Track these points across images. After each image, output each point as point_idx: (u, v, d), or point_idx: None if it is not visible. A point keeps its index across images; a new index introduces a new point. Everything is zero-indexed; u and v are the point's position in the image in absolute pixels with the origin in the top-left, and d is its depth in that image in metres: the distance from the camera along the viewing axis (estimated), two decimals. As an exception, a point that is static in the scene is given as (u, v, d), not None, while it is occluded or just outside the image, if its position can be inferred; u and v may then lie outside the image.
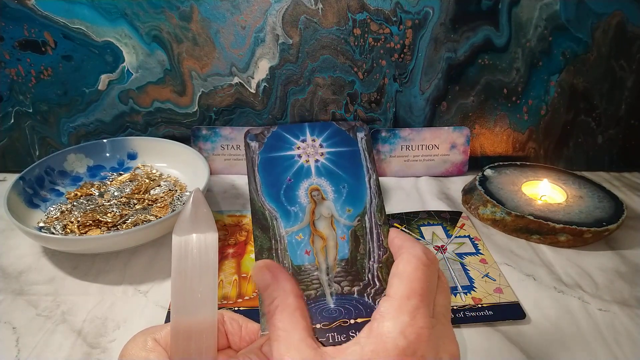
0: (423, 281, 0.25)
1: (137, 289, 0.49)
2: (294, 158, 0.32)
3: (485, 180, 0.65)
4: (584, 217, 0.57)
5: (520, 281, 0.51)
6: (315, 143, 0.32)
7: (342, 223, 0.30)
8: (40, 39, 0.63)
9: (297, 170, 0.31)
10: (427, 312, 0.24)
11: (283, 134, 0.32)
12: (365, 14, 0.63)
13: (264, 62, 0.66)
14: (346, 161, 0.32)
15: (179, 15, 0.63)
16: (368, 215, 0.30)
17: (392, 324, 0.23)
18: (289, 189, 0.31)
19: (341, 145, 0.32)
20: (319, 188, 0.31)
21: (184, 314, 0.25)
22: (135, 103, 0.68)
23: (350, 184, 0.31)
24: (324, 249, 0.29)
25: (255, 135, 0.32)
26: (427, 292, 0.25)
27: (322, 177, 0.31)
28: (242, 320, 0.29)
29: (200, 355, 0.25)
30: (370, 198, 0.31)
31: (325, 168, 0.31)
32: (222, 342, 0.29)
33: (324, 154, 0.32)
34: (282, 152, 0.32)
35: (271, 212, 0.30)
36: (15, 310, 0.46)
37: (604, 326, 0.45)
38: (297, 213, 0.30)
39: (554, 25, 0.64)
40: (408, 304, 0.24)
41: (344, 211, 0.30)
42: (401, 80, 0.68)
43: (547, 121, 0.71)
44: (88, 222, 0.54)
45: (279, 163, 0.32)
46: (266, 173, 0.31)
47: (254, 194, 0.31)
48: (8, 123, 0.67)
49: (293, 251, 0.29)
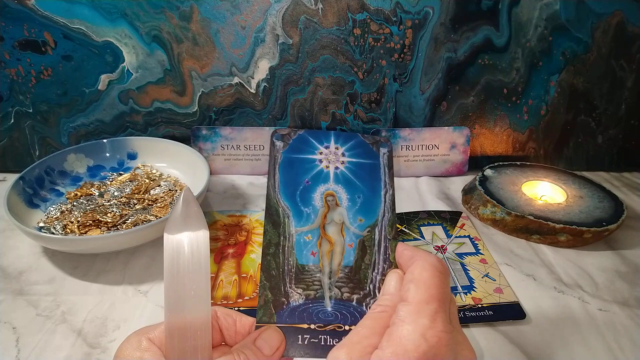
0: (440, 287, 0.25)
1: (137, 289, 0.49)
2: (315, 162, 0.32)
3: (485, 180, 0.65)
4: (584, 217, 0.57)
5: (520, 281, 0.51)
6: (338, 151, 0.33)
7: (352, 231, 0.31)
8: (40, 39, 0.63)
9: (316, 174, 0.32)
10: (445, 317, 0.24)
11: (308, 138, 0.33)
12: (365, 14, 0.63)
13: (264, 62, 0.66)
14: (365, 173, 0.32)
15: (179, 15, 0.63)
16: (379, 228, 0.31)
17: (413, 327, 0.23)
18: (305, 190, 0.31)
19: (363, 157, 0.33)
20: (334, 194, 0.31)
21: (178, 312, 0.25)
22: (135, 103, 0.68)
23: (366, 195, 0.31)
24: (330, 253, 0.30)
25: (282, 135, 0.33)
26: (444, 298, 0.25)
27: (339, 185, 0.32)
28: (235, 315, 0.29)
29: (195, 352, 0.25)
30: (383, 212, 0.31)
31: (343, 176, 0.32)
32: (217, 337, 0.29)
33: (344, 163, 0.32)
34: (305, 154, 0.32)
35: (285, 209, 0.31)
36: (15, 310, 0.46)
37: (604, 326, 0.45)
38: (309, 214, 0.31)
39: (554, 25, 0.64)
40: (427, 308, 0.24)
41: (356, 220, 0.31)
42: (401, 80, 0.68)
43: (547, 121, 0.71)
44: (88, 222, 0.54)
45: (300, 164, 0.32)
46: (286, 172, 0.32)
47: (270, 190, 0.31)
48: (8, 123, 0.67)
49: (299, 250, 0.30)
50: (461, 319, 0.45)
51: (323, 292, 0.29)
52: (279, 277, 0.29)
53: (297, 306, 0.28)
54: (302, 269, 0.29)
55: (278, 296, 0.28)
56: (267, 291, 0.29)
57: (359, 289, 0.29)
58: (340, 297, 0.29)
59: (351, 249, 0.30)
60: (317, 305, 0.28)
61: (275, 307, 0.28)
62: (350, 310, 0.28)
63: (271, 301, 0.28)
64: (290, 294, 0.28)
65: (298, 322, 0.28)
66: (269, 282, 0.29)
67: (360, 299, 0.29)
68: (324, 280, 0.29)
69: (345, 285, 0.29)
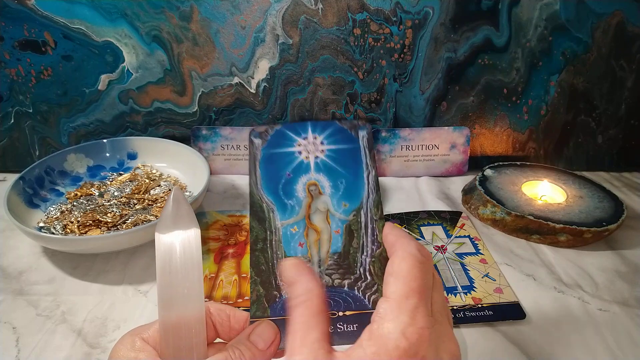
0: (420, 279, 0.25)
1: (137, 289, 0.49)
2: (294, 154, 0.32)
3: (485, 180, 0.65)
4: (584, 217, 0.57)
5: (520, 281, 0.51)
6: (317, 140, 0.33)
7: (337, 217, 0.31)
8: (40, 39, 0.63)
9: (296, 166, 0.32)
10: (426, 311, 0.24)
11: (286, 132, 0.33)
12: (365, 14, 0.63)
13: (264, 62, 0.66)
14: (346, 158, 0.32)
15: (179, 15, 0.63)
16: (364, 210, 0.31)
17: (393, 325, 0.23)
18: (287, 183, 0.31)
19: (342, 142, 0.33)
20: (316, 183, 0.31)
21: (172, 311, 0.26)
22: (135, 103, 0.68)
23: (348, 180, 0.32)
24: (317, 242, 0.30)
25: (259, 133, 0.33)
26: (424, 290, 0.25)
27: (321, 173, 0.32)
28: (229, 310, 0.29)
29: (190, 350, 0.26)
30: (367, 193, 0.31)
31: (324, 164, 0.32)
32: (211, 334, 0.29)
33: (324, 151, 0.32)
34: (284, 148, 0.32)
35: (269, 204, 0.31)
36: (15, 310, 0.46)
37: (604, 326, 0.45)
38: (293, 206, 0.31)
39: (554, 25, 0.64)
40: (407, 304, 0.24)
41: (340, 206, 0.31)
42: (401, 80, 0.68)
43: (547, 121, 0.71)
44: (88, 222, 0.54)
45: (280, 159, 0.32)
46: (267, 168, 0.32)
47: (253, 187, 0.31)
48: (8, 123, 0.67)
49: (287, 243, 0.30)
50: (461, 319, 0.45)
51: None
52: (269, 271, 0.29)
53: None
54: None
55: (270, 290, 0.29)
56: (258, 286, 0.29)
57: (349, 273, 0.29)
58: (332, 284, 0.29)
59: (338, 235, 0.30)
60: None
61: (268, 300, 0.28)
62: (343, 296, 0.28)
63: (263, 295, 0.29)
64: (282, 287, 0.29)
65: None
66: (260, 277, 0.29)
67: (351, 284, 0.29)
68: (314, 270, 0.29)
69: (336, 271, 0.29)
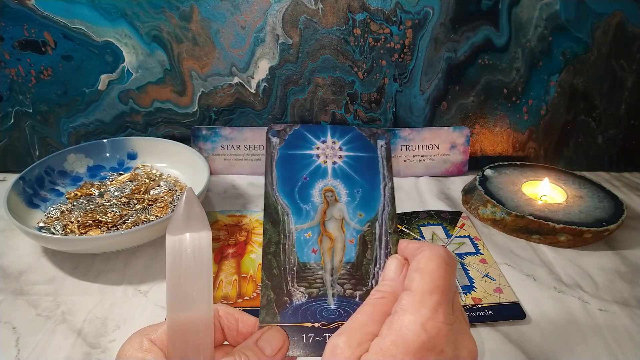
0: (445, 279, 0.25)
1: (137, 289, 0.49)
2: (312, 157, 0.32)
3: (485, 180, 0.64)
4: (584, 217, 0.57)
5: (520, 281, 0.51)
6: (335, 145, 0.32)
7: (352, 226, 0.30)
8: (40, 39, 0.63)
9: (313, 170, 0.32)
10: (448, 309, 0.24)
11: (304, 133, 0.33)
12: (365, 14, 0.63)
13: (264, 62, 0.66)
14: (363, 166, 0.32)
15: (179, 15, 0.63)
16: (379, 222, 0.30)
17: (414, 317, 0.23)
18: (303, 187, 0.31)
19: (360, 150, 0.32)
20: (333, 190, 0.31)
21: (180, 313, 0.25)
22: (135, 103, 0.68)
23: (365, 189, 0.31)
24: (331, 249, 0.30)
25: (277, 132, 0.33)
26: (447, 290, 0.25)
27: (338, 179, 0.31)
28: (238, 314, 0.29)
29: (197, 353, 0.25)
30: (383, 205, 0.31)
31: (341, 170, 0.32)
32: (219, 337, 0.29)
33: (342, 157, 0.32)
34: (302, 150, 0.32)
35: (284, 207, 0.31)
36: (15, 310, 0.46)
37: (604, 326, 0.45)
38: (308, 211, 0.31)
39: (554, 25, 0.64)
40: (430, 299, 0.24)
41: (356, 215, 0.31)
42: (401, 80, 0.68)
43: (547, 121, 0.71)
44: (88, 222, 0.54)
45: (297, 160, 0.32)
46: (283, 169, 0.31)
47: (268, 187, 0.31)
48: (8, 123, 0.67)
49: (300, 248, 0.30)
50: (461, 319, 0.45)
51: (325, 290, 0.29)
52: (281, 276, 0.29)
53: (300, 305, 0.28)
54: (303, 267, 0.29)
55: (280, 295, 0.28)
56: (269, 290, 0.28)
57: (361, 285, 0.29)
58: (343, 294, 0.28)
59: (352, 244, 0.30)
60: (320, 303, 0.28)
61: (278, 306, 0.28)
62: (354, 307, 0.28)
63: (274, 300, 0.28)
64: (293, 293, 0.28)
65: (302, 321, 0.28)
66: (271, 281, 0.29)
67: (363, 295, 0.28)
68: (326, 278, 0.29)
69: (348, 281, 0.29)
